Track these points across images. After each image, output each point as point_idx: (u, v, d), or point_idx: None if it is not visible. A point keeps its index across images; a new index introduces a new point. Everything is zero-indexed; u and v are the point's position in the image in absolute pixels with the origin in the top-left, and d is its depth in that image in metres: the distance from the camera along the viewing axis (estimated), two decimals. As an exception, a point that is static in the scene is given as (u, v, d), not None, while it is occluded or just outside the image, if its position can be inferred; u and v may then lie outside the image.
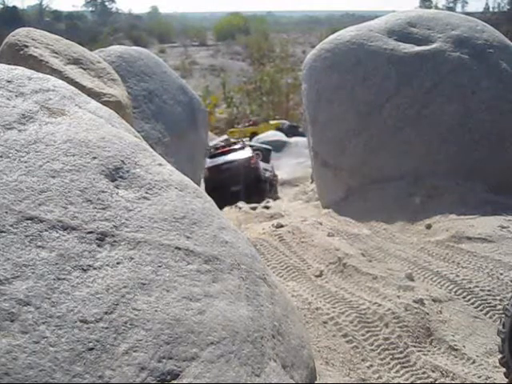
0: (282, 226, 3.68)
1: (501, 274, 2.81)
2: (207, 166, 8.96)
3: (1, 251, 1.18)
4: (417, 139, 4.67)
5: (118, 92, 3.12)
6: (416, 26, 5.24)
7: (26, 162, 1.44)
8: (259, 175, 9.20)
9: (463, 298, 2.64)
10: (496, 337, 1.89)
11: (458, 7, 49.65)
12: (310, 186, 8.19)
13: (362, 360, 2.04)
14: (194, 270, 1.45)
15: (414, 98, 4.78)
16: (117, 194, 1.55)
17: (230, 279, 1.53)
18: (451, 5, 47.67)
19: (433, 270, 2.96)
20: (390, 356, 2.07)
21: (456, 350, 2.17)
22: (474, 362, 2.09)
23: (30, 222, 1.28)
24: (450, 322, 2.40)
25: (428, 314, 2.39)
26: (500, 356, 1.81)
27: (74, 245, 1.29)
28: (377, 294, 2.57)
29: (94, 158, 1.61)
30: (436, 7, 35.09)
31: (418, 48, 4.99)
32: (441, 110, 4.67)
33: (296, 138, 14.79)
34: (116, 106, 2.83)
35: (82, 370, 1.05)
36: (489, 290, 2.66)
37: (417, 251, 3.33)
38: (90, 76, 3.05)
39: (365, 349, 2.11)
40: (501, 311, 2.20)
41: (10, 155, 1.44)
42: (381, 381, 1.93)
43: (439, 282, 2.81)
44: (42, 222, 1.30)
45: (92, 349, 1.10)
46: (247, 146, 10.17)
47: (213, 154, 9.59)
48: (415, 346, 2.15)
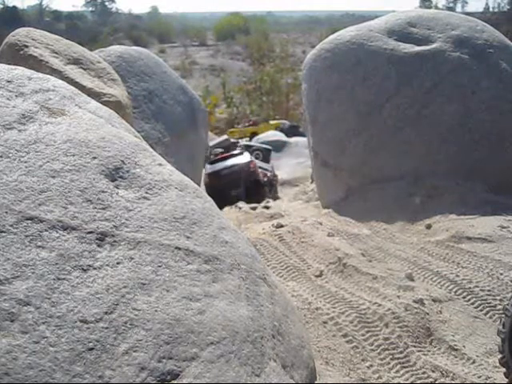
0: (281, 226, 3.68)
1: (501, 274, 2.81)
2: (207, 172, 9.08)
3: (1, 251, 1.18)
4: (417, 139, 4.67)
5: (118, 92, 3.12)
6: (416, 26, 5.24)
7: (25, 162, 1.44)
8: (259, 179, 9.28)
9: (463, 298, 2.64)
10: (496, 337, 1.89)
11: (458, 7, 49.78)
12: (310, 186, 8.20)
13: (362, 360, 2.04)
14: (194, 270, 1.45)
15: (414, 98, 4.78)
16: (117, 193, 1.55)
17: (230, 279, 1.53)
18: (451, 5, 47.76)
19: (433, 269, 2.96)
20: (390, 356, 2.07)
21: (456, 349, 2.17)
22: (474, 362, 2.09)
23: (29, 222, 1.28)
24: (449, 322, 2.40)
25: (428, 313, 2.39)
26: (500, 356, 1.81)
27: (74, 245, 1.29)
28: (377, 294, 2.57)
29: (94, 157, 1.61)
30: (436, 7, 35.13)
31: (418, 48, 4.98)
32: (441, 110, 4.67)
33: (296, 138, 14.78)
34: (116, 106, 2.83)
35: (82, 370, 1.05)
36: (489, 290, 2.66)
37: (417, 251, 3.33)
38: (90, 76, 3.05)
39: (365, 349, 2.11)
40: (501, 311, 2.20)
41: (10, 155, 1.45)
42: (381, 381, 1.93)
43: (439, 282, 2.81)
44: (42, 222, 1.30)
45: (92, 349, 1.10)
46: (245, 152, 10.25)
47: (212, 160, 9.71)
48: (415, 346, 2.15)
